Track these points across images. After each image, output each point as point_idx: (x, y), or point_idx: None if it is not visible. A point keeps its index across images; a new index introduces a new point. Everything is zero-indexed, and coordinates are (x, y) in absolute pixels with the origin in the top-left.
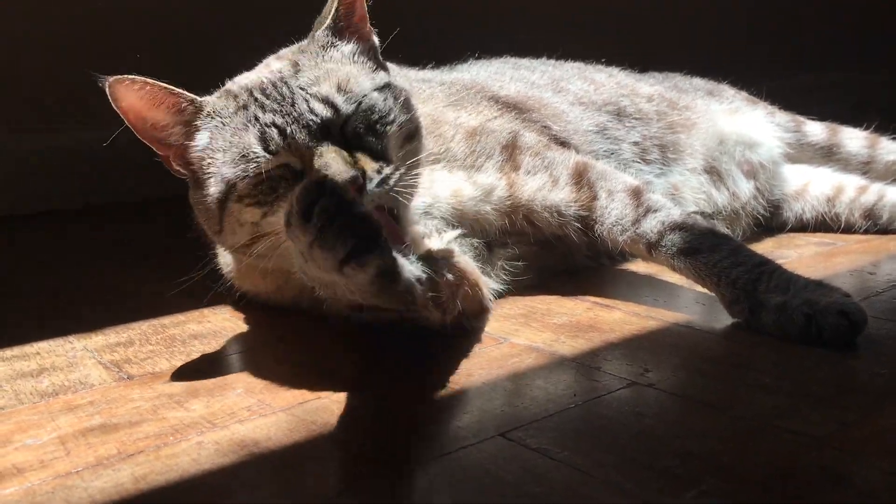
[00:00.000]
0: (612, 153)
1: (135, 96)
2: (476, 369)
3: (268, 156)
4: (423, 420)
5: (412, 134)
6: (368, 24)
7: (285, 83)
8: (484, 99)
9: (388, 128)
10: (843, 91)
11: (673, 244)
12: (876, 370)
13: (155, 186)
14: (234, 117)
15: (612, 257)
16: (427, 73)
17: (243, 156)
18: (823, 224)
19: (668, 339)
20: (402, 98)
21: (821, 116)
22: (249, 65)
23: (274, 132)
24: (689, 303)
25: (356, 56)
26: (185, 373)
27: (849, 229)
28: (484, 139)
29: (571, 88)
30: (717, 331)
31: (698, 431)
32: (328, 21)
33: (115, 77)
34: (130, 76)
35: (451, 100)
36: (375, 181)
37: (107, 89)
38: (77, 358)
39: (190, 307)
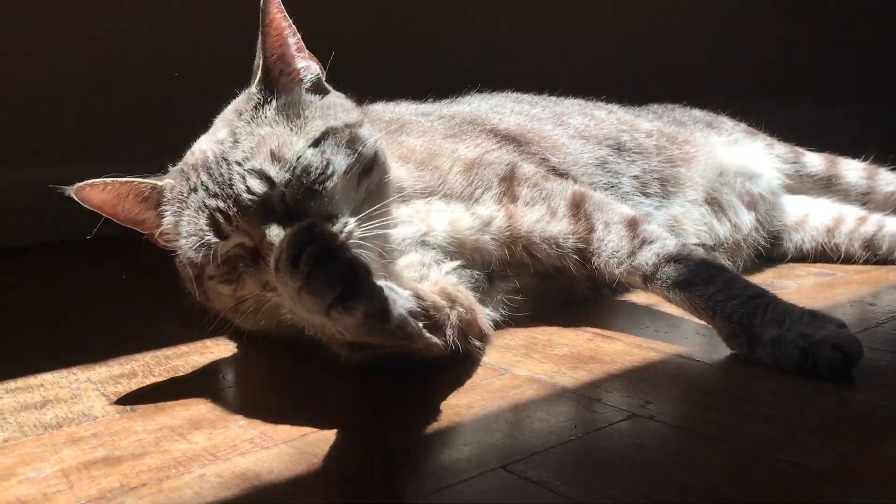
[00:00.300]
0: (613, 186)
1: (101, 196)
2: (477, 401)
3: (219, 240)
4: (424, 452)
5: (369, 166)
6: (299, 62)
7: (225, 160)
8: (483, 132)
9: (329, 183)
10: (840, 123)
11: (668, 276)
12: (876, 401)
13: None
14: (188, 200)
15: (612, 288)
16: (427, 107)
17: (202, 243)
18: (823, 255)
19: (669, 370)
20: (347, 135)
21: (819, 148)
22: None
23: (220, 217)
24: (690, 334)
25: (288, 110)
26: (188, 404)
27: (848, 260)
28: (482, 171)
29: (572, 122)
30: (717, 362)
31: (698, 463)
32: (259, 75)
33: (76, 185)
34: (90, 181)
35: (449, 132)
36: None
37: (74, 196)
38: (80, 390)
39: (192, 338)
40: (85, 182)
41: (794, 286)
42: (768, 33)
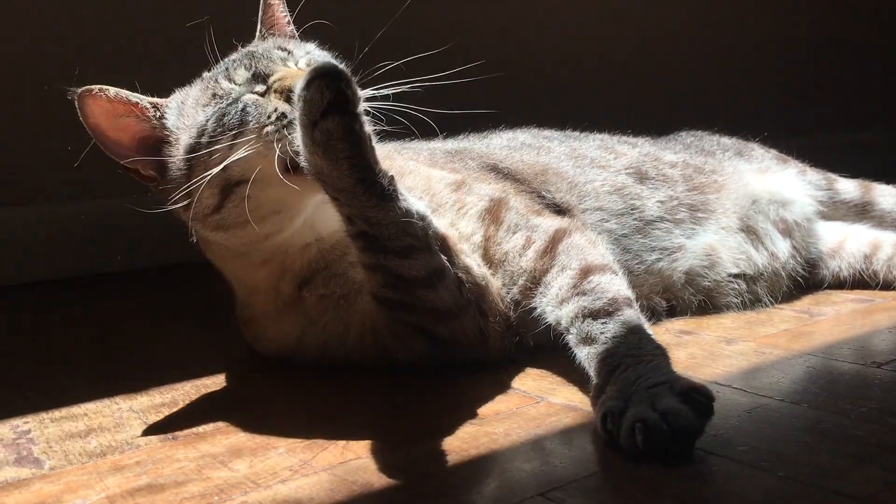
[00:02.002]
0: (634, 209)
1: (102, 109)
2: (514, 429)
3: (234, 85)
4: (463, 479)
5: None
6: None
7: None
8: (484, 166)
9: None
10: (871, 149)
11: (579, 332)
12: None
13: (189, 251)
14: (197, 84)
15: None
16: (436, 144)
17: (213, 94)
18: (861, 282)
19: None
20: None
21: (851, 174)
22: None
23: (238, 65)
24: (727, 362)
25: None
26: (228, 432)
27: (888, 286)
28: (470, 195)
29: (589, 155)
30: (756, 390)
31: (741, 493)
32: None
33: (84, 88)
34: (100, 87)
35: (448, 163)
36: None
37: (76, 102)
38: (123, 418)
39: (230, 367)
40: (92, 87)
41: (832, 312)
42: (796, 60)
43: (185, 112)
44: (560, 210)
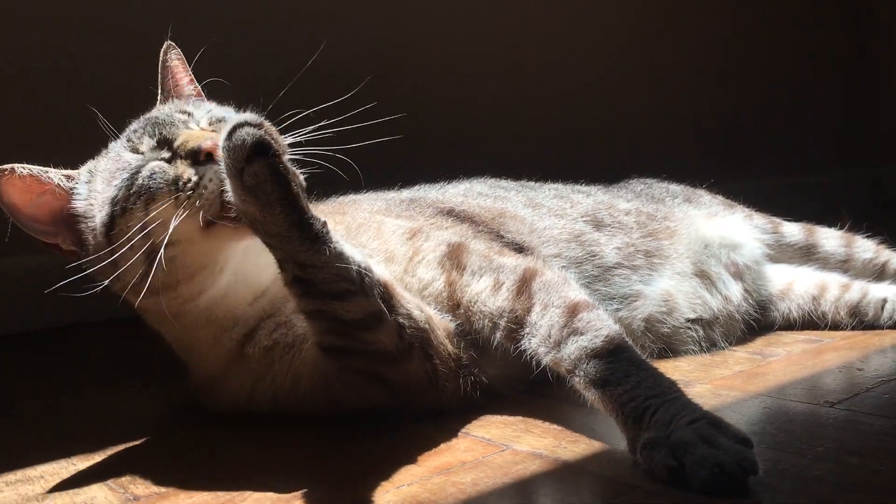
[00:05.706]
0: (593, 255)
1: (16, 189)
2: (482, 478)
3: (139, 155)
4: None
5: None
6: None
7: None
8: (439, 212)
9: None
10: (809, 192)
11: (586, 374)
12: (874, 467)
13: None
14: (103, 158)
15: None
16: (390, 193)
17: (118, 168)
18: (810, 322)
19: None
20: None
21: (795, 218)
22: None
23: (142, 133)
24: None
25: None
26: (191, 491)
27: (836, 327)
28: (427, 240)
29: (545, 204)
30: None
31: None
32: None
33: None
34: (13, 166)
35: (402, 212)
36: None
37: None
38: (81, 480)
39: (188, 423)
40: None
41: (784, 353)
42: (739, 108)
43: (96, 187)
44: (520, 249)
